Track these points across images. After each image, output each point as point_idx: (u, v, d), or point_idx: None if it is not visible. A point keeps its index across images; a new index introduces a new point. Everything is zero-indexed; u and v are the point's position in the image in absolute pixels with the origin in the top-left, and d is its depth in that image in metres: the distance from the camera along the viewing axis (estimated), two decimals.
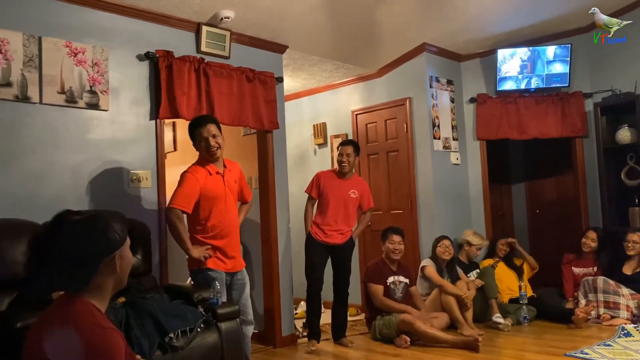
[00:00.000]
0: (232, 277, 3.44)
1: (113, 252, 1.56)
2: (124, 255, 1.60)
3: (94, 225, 1.58)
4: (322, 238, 4.32)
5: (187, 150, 5.72)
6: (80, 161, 3.43)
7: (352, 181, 4.48)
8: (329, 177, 4.45)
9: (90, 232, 1.56)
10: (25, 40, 3.21)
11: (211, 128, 3.27)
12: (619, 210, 5.15)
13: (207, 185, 3.26)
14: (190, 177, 3.24)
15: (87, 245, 1.54)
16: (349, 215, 4.42)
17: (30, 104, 3.23)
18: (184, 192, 3.20)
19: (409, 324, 4.18)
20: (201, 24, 4.06)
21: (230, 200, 3.39)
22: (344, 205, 4.38)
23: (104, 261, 1.55)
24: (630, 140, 4.99)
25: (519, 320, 4.67)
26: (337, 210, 4.35)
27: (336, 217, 4.35)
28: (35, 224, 2.97)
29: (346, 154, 4.37)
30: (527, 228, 6.44)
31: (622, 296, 4.51)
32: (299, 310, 5.32)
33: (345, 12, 4.37)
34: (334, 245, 4.34)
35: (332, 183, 4.40)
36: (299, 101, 6.45)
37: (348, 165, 4.38)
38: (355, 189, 4.44)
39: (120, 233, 1.59)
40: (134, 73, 3.75)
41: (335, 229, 4.34)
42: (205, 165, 3.31)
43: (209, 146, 3.25)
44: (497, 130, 5.56)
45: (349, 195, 4.40)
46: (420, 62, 5.33)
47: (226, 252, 3.35)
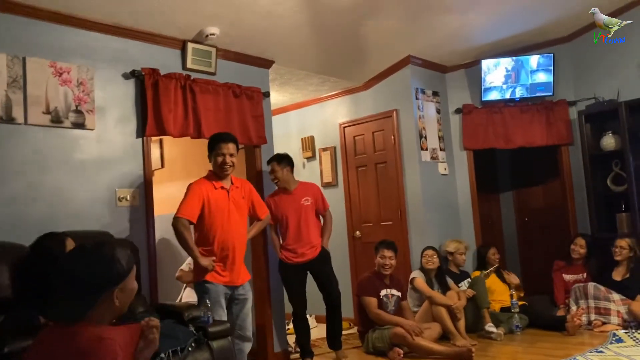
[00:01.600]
0: (234, 290, 3.47)
1: (115, 286, 1.49)
2: (126, 287, 1.52)
3: (98, 256, 1.50)
4: (293, 260, 4.24)
5: (174, 168, 5.73)
6: (66, 181, 3.40)
7: (300, 189, 4.37)
8: (276, 197, 4.35)
9: (94, 263, 1.48)
10: (9, 61, 3.20)
11: (231, 146, 3.47)
12: (606, 217, 5.19)
13: (210, 198, 3.40)
14: (194, 188, 3.41)
15: (91, 276, 1.46)
16: (311, 225, 4.31)
17: (15, 125, 3.20)
18: (188, 203, 3.35)
19: (401, 336, 4.17)
20: (187, 41, 4.07)
21: (234, 215, 3.47)
22: (304, 216, 4.28)
23: (103, 295, 1.47)
24: (615, 147, 5.05)
25: (511, 329, 4.67)
26: (298, 225, 4.26)
27: (300, 232, 4.25)
28: (21, 246, 2.93)
29: (271, 171, 4.32)
30: (517, 236, 6.48)
31: (613, 302, 4.53)
32: (291, 326, 5.28)
33: (330, 27, 4.40)
34: (307, 262, 4.25)
35: (281, 201, 4.31)
36: (286, 115, 6.46)
37: (280, 181, 4.31)
38: (306, 196, 4.34)
39: (125, 265, 1.51)
40: (120, 91, 3.74)
41: (305, 243, 4.25)
42: (211, 180, 3.46)
43: (225, 162, 3.43)
44: (483, 139, 5.60)
45: (303, 204, 4.31)
46: (405, 74, 5.37)
47: (225, 265, 3.41)
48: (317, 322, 5.43)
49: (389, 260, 4.47)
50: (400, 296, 4.55)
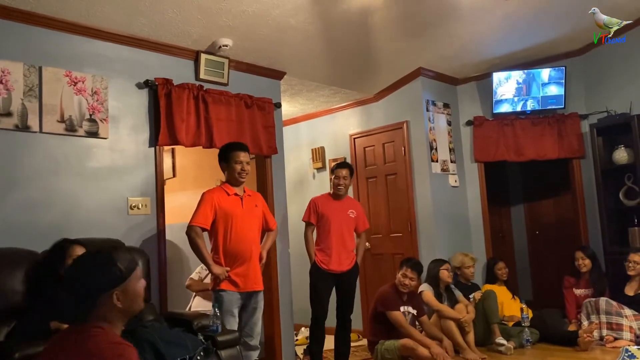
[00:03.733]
0: (247, 299, 3.50)
1: (113, 288, 1.56)
2: (128, 290, 1.58)
3: (95, 260, 1.59)
4: (328, 267, 4.24)
5: (186, 177, 5.78)
6: (79, 189, 3.44)
7: (347, 202, 4.47)
8: (325, 200, 4.42)
9: (90, 267, 1.57)
10: (25, 71, 3.25)
11: (247, 155, 3.59)
12: (619, 231, 5.14)
13: (223, 204, 3.46)
14: (207, 196, 3.48)
15: (88, 280, 1.54)
16: (350, 236, 4.38)
17: (30, 133, 3.25)
18: (201, 211, 3.42)
19: (410, 349, 4.12)
20: (200, 52, 4.11)
21: (247, 221, 3.52)
22: (346, 226, 4.35)
23: (101, 296, 1.54)
24: (627, 161, 5.01)
25: (522, 343, 4.62)
26: (340, 232, 4.30)
27: (340, 239, 4.29)
28: (34, 253, 2.97)
29: (342, 177, 4.37)
30: (527, 250, 6.44)
31: (625, 317, 4.47)
32: (299, 336, 5.27)
33: (341, 39, 4.43)
34: (340, 272, 4.26)
35: (329, 206, 4.37)
36: (297, 126, 6.50)
37: (344, 188, 4.39)
38: (352, 209, 4.43)
39: (124, 268, 1.58)
40: (133, 101, 3.79)
41: (343, 250, 4.28)
42: (224, 188, 3.54)
43: (243, 169, 3.53)
44: (494, 152, 5.59)
45: (348, 215, 4.39)
46: (416, 86, 5.38)
47: (239, 272, 3.44)
48: (328, 333, 5.41)
49: (410, 281, 4.37)
50: (415, 314, 4.46)
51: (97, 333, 1.51)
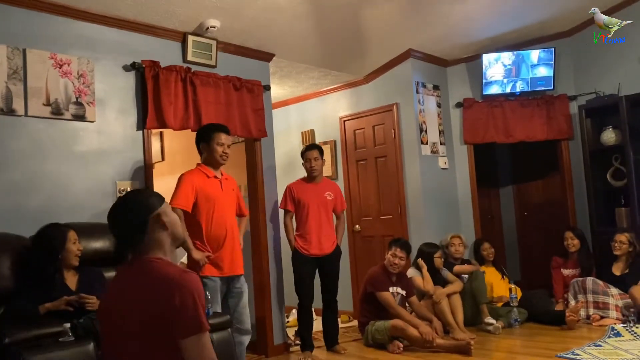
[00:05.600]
0: (229, 283, 3.48)
1: (155, 210, 1.67)
2: (167, 212, 1.70)
3: (131, 196, 1.77)
4: (309, 252, 4.25)
5: (174, 161, 5.73)
6: (66, 173, 3.41)
7: (324, 184, 4.45)
8: (300, 185, 4.40)
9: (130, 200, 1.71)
10: (9, 53, 3.19)
11: (229, 138, 3.55)
12: (606, 211, 5.20)
13: (203, 187, 3.40)
14: (186, 178, 3.42)
15: (131, 210, 1.66)
16: (329, 219, 4.38)
17: (15, 117, 3.20)
18: (182, 192, 3.36)
19: (400, 329, 4.18)
20: (187, 33, 4.06)
21: (227, 204, 3.49)
22: (324, 209, 4.34)
23: (150, 219, 1.64)
24: (615, 142, 5.05)
25: (510, 322, 4.69)
26: (318, 216, 4.30)
27: (318, 223, 4.29)
28: (21, 237, 2.94)
29: (314, 159, 4.34)
30: (516, 230, 6.50)
31: (611, 296, 4.54)
32: (290, 318, 5.30)
33: (331, 20, 4.39)
34: (322, 256, 4.28)
35: (305, 190, 4.35)
36: (286, 109, 6.46)
37: (318, 169, 4.36)
38: (329, 191, 4.42)
39: (156, 199, 1.71)
40: (120, 83, 3.74)
41: (324, 235, 4.31)
42: (203, 170, 3.48)
43: (225, 153, 3.48)
44: (483, 134, 5.60)
45: (325, 197, 4.37)
46: (406, 68, 5.36)
47: (221, 257, 3.42)
48: (317, 315, 5.45)
49: (399, 260, 4.42)
50: (404, 295, 4.51)
51: (161, 262, 1.60)
